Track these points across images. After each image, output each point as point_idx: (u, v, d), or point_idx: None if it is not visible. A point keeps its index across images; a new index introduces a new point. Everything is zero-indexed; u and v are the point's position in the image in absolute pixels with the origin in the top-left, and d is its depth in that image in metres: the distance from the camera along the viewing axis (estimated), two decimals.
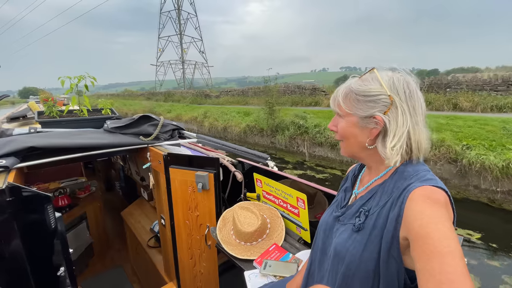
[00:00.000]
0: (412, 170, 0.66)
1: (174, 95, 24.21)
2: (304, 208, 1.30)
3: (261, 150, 9.58)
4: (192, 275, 1.71)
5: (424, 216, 0.55)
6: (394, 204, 0.63)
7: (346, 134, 0.74)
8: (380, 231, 0.64)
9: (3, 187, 1.05)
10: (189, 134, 2.09)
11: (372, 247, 0.64)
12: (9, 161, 1.28)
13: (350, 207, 0.77)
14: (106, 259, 2.96)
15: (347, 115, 0.72)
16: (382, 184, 0.71)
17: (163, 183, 1.67)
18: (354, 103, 0.70)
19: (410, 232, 0.57)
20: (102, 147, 1.63)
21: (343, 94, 0.72)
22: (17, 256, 1.09)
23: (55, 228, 1.17)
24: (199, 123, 14.16)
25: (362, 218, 0.69)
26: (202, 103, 19.14)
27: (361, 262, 0.65)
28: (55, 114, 2.10)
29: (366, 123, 0.69)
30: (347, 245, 0.69)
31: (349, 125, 0.72)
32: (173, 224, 1.66)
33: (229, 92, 18.92)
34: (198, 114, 14.61)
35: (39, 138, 1.51)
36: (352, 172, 0.90)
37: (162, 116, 1.90)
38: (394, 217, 0.61)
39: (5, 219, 1.05)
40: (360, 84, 0.70)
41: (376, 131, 0.68)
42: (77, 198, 2.79)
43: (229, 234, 1.40)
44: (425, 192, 0.59)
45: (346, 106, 0.71)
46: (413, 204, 0.59)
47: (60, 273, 1.18)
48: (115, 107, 2.45)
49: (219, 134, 12.50)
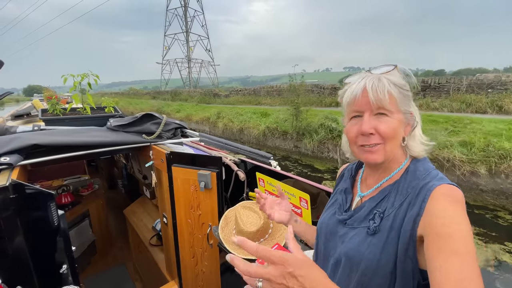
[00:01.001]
0: (424, 169, 0.67)
1: (181, 94, 23.48)
2: (307, 208, 1.29)
3: (283, 155, 9.20)
4: (194, 274, 1.71)
5: (447, 215, 0.55)
6: (412, 204, 0.62)
7: (393, 135, 0.66)
8: (397, 232, 0.62)
9: (6, 184, 1.05)
10: (192, 133, 2.09)
11: (390, 249, 0.63)
12: (13, 158, 1.28)
13: (358, 210, 0.74)
14: (109, 257, 2.97)
15: (397, 112, 0.66)
16: (394, 184, 0.69)
17: (165, 181, 1.67)
18: (400, 98, 0.66)
19: (430, 230, 0.56)
20: (105, 145, 1.63)
21: (390, 88, 0.65)
22: (20, 253, 1.10)
23: (58, 226, 1.17)
24: (212, 124, 13.38)
25: (377, 221, 0.66)
26: (210, 103, 18.27)
27: (379, 265, 0.63)
28: (59, 112, 2.11)
29: (408, 119, 0.69)
30: (362, 249, 0.66)
31: (398, 123, 0.66)
32: (175, 223, 1.66)
33: (240, 91, 17.99)
34: (211, 115, 13.77)
35: (42, 136, 1.51)
36: (349, 172, 0.87)
37: (171, 116, 1.90)
38: (412, 217, 0.60)
39: (9, 216, 1.06)
40: (397, 78, 0.68)
41: (409, 127, 0.70)
42: (80, 196, 2.80)
43: (231, 233, 1.40)
44: (445, 190, 0.59)
45: (397, 102, 0.66)
46: (436, 202, 0.58)
47: (62, 270, 1.19)
48: (120, 106, 2.46)
49: (234, 136, 11.81)
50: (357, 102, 0.68)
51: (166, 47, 42.71)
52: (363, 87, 0.67)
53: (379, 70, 0.69)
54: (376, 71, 0.70)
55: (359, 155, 0.72)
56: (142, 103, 24.45)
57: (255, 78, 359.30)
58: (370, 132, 0.66)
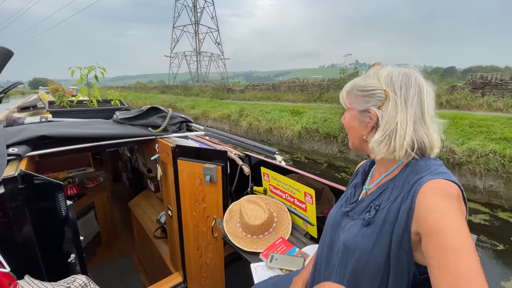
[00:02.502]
0: (424, 164, 0.66)
1: (192, 88, 21.86)
2: (312, 203, 1.29)
3: (326, 161, 8.08)
4: (198, 266, 1.73)
5: (438, 210, 0.55)
6: (405, 198, 0.63)
7: (348, 127, 0.78)
8: (391, 225, 0.63)
9: (15, 175, 1.07)
10: (197, 127, 2.09)
11: (384, 241, 0.64)
12: (21, 149, 1.30)
13: (360, 202, 0.76)
14: (114, 248, 3.01)
15: (349, 109, 0.77)
16: (393, 179, 0.70)
17: (170, 174, 1.68)
18: (354, 97, 0.74)
19: (423, 226, 0.56)
20: (111, 138, 1.64)
21: (347, 89, 0.77)
22: (29, 242, 1.12)
23: (67, 216, 1.19)
24: (233, 122, 12.05)
25: (372, 213, 0.69)
26: (224, 98, 17.01)
27: (372, 255, 0.65)
28: (65, 104, 2.13)
29: (363, 117, 0.72)
30: (357, 239, 0.69)
31: (350, 118, 0.76)
32: (180, 216, 1.67)
33: (256, 86, 16.50)
34: (232, 112, 12.40)
35: (50, 127, 1.53)
36: (362, 168, 0.90)
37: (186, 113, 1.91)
38: (405, 211, 0.61)
39: (17, 206, 1.08)
40: (362, 79, 0.74)
41: (370, 125, 0.71)
42: (86, 188, 2.84)
43: (236, 226, 1.41)
44: (437, 185, 0.59)
45: (348, 101, 0.76)
46: (426, 197, 0.58)
47: (70, 259, 1.21)
48: (128, 101, 2.47)
49: (260, 137, 10.55)
50: None
51: (174, 39, 40.85)
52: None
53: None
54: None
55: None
56: (151, 97, 22.92)
57: (259, 73, 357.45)
58: (342, 122, 0.81)
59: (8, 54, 1.02)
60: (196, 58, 39.68)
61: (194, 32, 38.54)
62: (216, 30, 41.60)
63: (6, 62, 1.03)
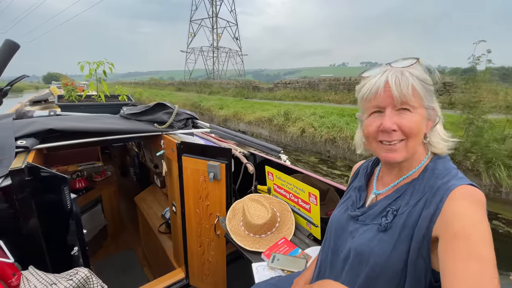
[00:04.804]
0: (443, 168, 0.64)
1: (211, 86, 20.31)
2: (316, 204, 1.27)
3: None
4: (200, 262, 1.73)
5: (466, 217, 0.53)
6: (428, 202, 0.60)
7: (416, 131, 0.64)
8: (411, 230, 0.61)
9: (22, 167, 1.08)
10: (202, 124, 2.09)
11: (402, 247, 0.61)
12: (29, 142, 1.32)
13: (372, 207, 0.73)
14: (119, 241, 3.06)
15: (420, 107, 0.64)
16: (411, 183, 0.67)
17: (175, 171, 1.68)
18: (423, 93, 0.63)
19: (447, 231, 0.54)
20: (117, 133, 1.65)
21: (414, 83, 0.62)
22: (34, 234, 1.14)
23: (71, 209, 1.20)
24: (277, 128, 9.82)
25: (389, 218, 0.65)
26: (250, 97, 15.56)
27: (389, 263, 0.62)
28: (74, 99, 2.16)
29: (430, 115, 0.67)
30: (372, 245, 0.66)
31: (421, 119, 0.64)
32: (184, 212, 1.68)
33: (288, 84, 14.55)
34: (273, 114, 10.23)
35: (58, 121, 1.55)
36: (364, 170, 0.85)
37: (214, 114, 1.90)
38: (428, 216, 0.59)
39: (24, 197, 1.09)
40: (420, 72, 0.65)
41: (431, 123, 0.68)
42: (94, 182, 2.89)
43: (238, 225, 1.40)
44: (466, 191, 0.57)
45: (415, 99, 0.63)
46: (455, 203, 0.56)
47: (74, 252, 1.22)
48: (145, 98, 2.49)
49: (317, 147, 8.22)
50: (379, 97, 0.65)
51: (191, 33, 39.20)
52: (385, 82, 0.64)
53: (401, 64, 0.66)
54: (397, 64, 0.66)
55: (378, 152, 0.70)
56: (169, 95, 20.76)
57: (268, 71, 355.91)
58: (392, 129, 0.64)
59: (14, 47, 1.03)
60: (212, 53, 38.16)
61: (211, 26, 36.85)
62: (235, 24, 39.68)
63: (13, 54, 1.04)
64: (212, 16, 36.48)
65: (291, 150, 9.06)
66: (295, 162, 7.82)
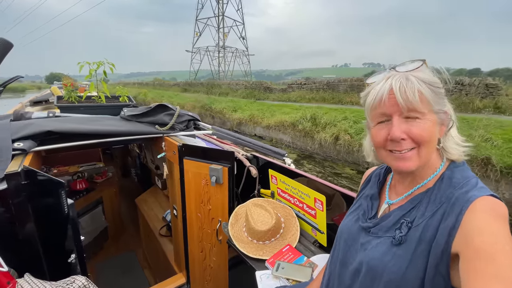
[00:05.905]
0: (461, 177, 0.59)
1: (220, 86, 19.16)
2: (322, 210, 1.22)
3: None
4: (202, 268, 1.69)
5: (490, 232, 0.48)
6: (446, 214, 0.56)
7: (428, 138, 0.59)
8: (428, 245, 0.56)
9: (18, 170, 1.04)
10: (205, 126, 2.05)
11: (419, 263, 0.56)
12: (26, 144, 1.28)
13: (385, 218, 0.68)
14: (120, 243, 3.03)
15: (429, 112, 0.59)
16: (426, 193, 0.62)
17: (176, 174, 1.64)
18: (432, 97, 0.59)
19: (468, 247, 0.49)
20: (117, 135, 1.62)
21: (421, 88, 0.58)
22: (31, 239, 1.10)
23: (68, 215, 1.17)
24: (301, 133, 8.76)
25: (404, 230, 0.61)
26: (261, 98, 14.61)
27: (404, 280, 0.57)
28: (74, 100, 2.12)
29: (442, 119, 0.62)
30: (385, 260, 0.61)
31: (432, 125, 0.59)
32: (185, 216, 1.64)
33: (303, 85, 13.28)
34: (297, 119, 9.06)
35: (57, 123, 1.51)
36: (376, 177, 0.80)
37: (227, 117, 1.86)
38: (446, 229, 0.54)
39: (20, 202, 1.06)
40: (427, 75, 0.61)
41: (444, 128, 0.63)
42: (94, 183, 2.85)
43: (241, 231, 1.36)
44: (488, 202, 0.52)
45: (423, 104, 0.58)
46: (476, 216, 0.51)
47: (71, 259, 1.19)
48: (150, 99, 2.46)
49: (353, 158, 7.23)
50: (384, 105, 0.61)
51: (197, 33, 37.96)
52: (389, 88, 0.60)
53: (406, 67, 0.62)
54: (402, 68, 0.62)
55: (389, 162, 0.65)
56: (176, 96, 19.80)
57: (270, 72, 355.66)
58: (401, 138, 0.59)
59: (7, 46, 1.00)
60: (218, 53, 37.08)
61: (217, 26, 35.73)
62: (241, 23, 38.54)
63: (6, 53, 1.00)
64: (218, 15, 35.66)
65: (319, 159, 8.22)
66: (334, 176, 6.76)
